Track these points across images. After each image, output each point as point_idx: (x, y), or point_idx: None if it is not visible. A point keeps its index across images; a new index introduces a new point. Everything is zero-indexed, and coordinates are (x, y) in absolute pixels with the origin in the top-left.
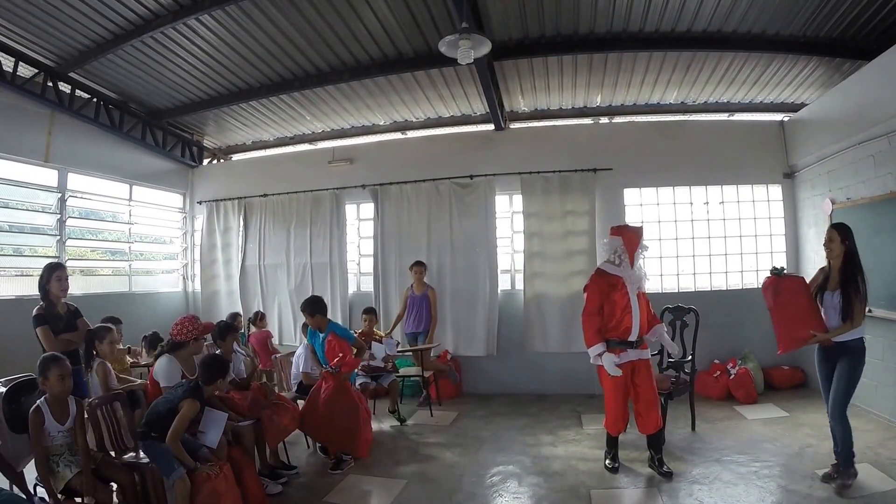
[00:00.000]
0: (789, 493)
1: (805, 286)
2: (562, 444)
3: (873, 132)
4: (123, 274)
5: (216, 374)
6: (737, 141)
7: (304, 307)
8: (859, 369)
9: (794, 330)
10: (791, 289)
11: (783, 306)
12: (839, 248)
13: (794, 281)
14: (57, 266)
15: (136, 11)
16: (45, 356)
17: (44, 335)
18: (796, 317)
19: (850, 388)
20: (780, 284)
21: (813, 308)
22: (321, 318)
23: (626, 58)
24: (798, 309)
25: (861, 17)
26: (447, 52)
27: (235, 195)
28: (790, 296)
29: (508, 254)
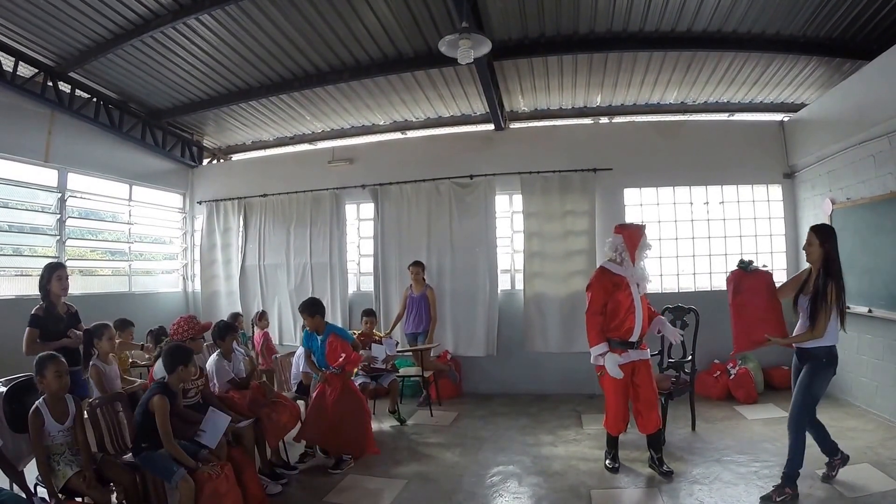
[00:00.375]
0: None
1: (768, 286)
2: (562, 443)
3: (873, 132)
4: (123, 274)
5: (176, 362)
6: (737, 141)
7: (303, 308)
8: (820, 379)
9: (749, 331)
10: (752, 288)
11: (740, 306)
12: (817, 252)
13: (757, 280)
14: (57, 266)
15: (136, 11)
16: (42, 355)
17: (28, 336)
18: (752, 318)
19: (808, 397)
20: (742, 282)
21: (772, 310)
22: (320, 319)
23: (626, 58)
24: (755, 310)
25: (861, 17)
26: (447, 51)
27: (235, 195)
28: (749, 296)
29: (508, 253)
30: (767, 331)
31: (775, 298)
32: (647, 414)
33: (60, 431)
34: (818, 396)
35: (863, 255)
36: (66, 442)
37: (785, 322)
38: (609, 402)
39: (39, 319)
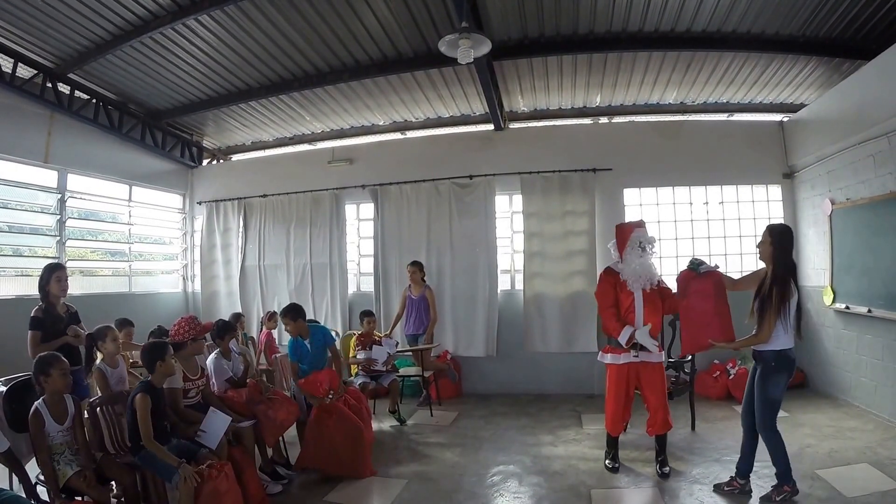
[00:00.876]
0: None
1: (716, 289)
2: (562, 443)
3: (873, 132)
4: (123, 275)
5: (153, 358)
6: (736, 141)
7: (286, 313)
8: (771, 382)
9: (694, 335)
10: (699, 291)
11: (687, 308)
12: (768, 252)
13: (704, 283)
14: (57, 266)
15: (135, 12)
16: (44, 356)
17: (32, 340)
18: (698, 322)
19: (765, 401)
20: (690, 285)
21: (717, 314)
22: (303, 322)
23: (625, 58)
24: (701, 314)
25: (860, 17)
26: (447, 51)
27: (235, 195)
28: (696, 299)
29: (508, 254)
30: (712, 335)
31: (722, 302)
32: (653, 416)
33: (60, 432)
34: (775, 399)
35: (862, 256)
36: (66, 442)
37: (732, 326)
38: (608, 402)
39: (39, 321)
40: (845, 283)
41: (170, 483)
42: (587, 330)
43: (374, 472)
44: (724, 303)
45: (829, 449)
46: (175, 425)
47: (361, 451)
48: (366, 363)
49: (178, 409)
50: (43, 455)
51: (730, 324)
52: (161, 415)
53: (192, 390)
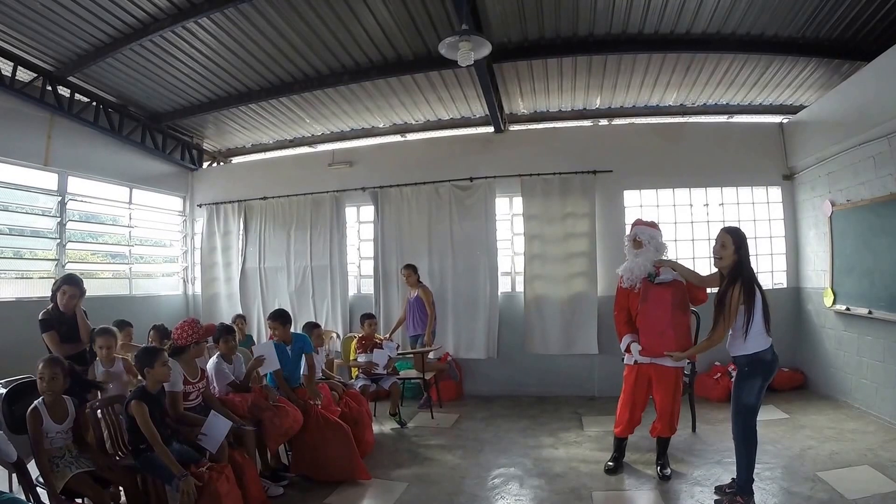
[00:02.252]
0: (791, 494)
1: (673, 299)
2: (563, 446)
3: (873, 133)
4: (124, 277)
5: (143, 365)
6: (736, 143)
7: (277, 317)
8: (745, 387)
9: (651, 342)
10: (656, 299)
11: (645, 314)
12: (731, 258)
13: (663, 292)
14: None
15: (135, 15)
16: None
17: (50, 340)
18: (654, 329)
19: (738, 405)
20: (649, 291)
21: (673, 325)
22: (289, 329)
23: (625, 60)
24: (656, 322)
25: (860, 18)
26: (447, 53)
27: (235, 198)
28: (654, 306)
29: (509, 256)
30: (666, 346)
31: (680, 313)
32: (658, 418)
33: (59, 433)
34: (750, 404)
35: (863, 257)
36: (66, 445)
37: (690, 338)
38: (619, 402)
39: (49, 322)
40: (846, 285)
41: (169, 486)
42: (588, 332)
43: (367, 477)
44: (683, 314)
45: (830, 451)
46: (175, 430)
47: (347, 454)
48: (366, 366)
49: (178, 413)
50: (41, 455)
51: (686, 336)
52: (159, 421)
53: (192, 393)
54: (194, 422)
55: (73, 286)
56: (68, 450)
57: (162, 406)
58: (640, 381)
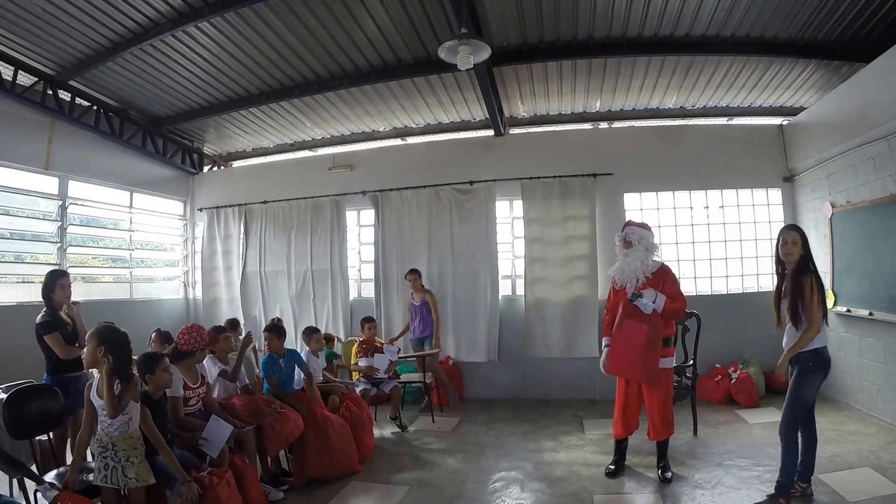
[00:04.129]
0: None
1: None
2: (564, 449)
3: (873, 134)
4: (124, 281)
5: (141, 373)
6: (736, 145)
7: (273, 329)
8: (807, 383)
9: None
10: (632, 329)
11: (618, 338)
12: (799, 252)
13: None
14: (61, 274)
15: (135, 20)
16: None
17: (55, 342)
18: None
19: (793, 402)
20: (625, 321)
21: (642, 358)
22: (283, 342)
23: (625, 62)
24: (627, 352)
25: (859, 19)
26: (447, 57)
27: (236, 202)
28: (629, 334)
29: (509, 259)
30: (634, 375)
31: (650, 349)
32: (651, 421)
33: (112, 425)
34: (808, 400)
35: (863, 258)
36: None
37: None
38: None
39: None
40: (846, 287)
41: (170, 492)
42: (589, 335)
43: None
44: (652, 350)
45: (832, 453)
46: (175, 435)
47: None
48: (367, 370)
49: (178, 418)
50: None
51: (655, 366)
52: (160, 427)
53: (192, 398)
54: (195, 427)
55: (67, 277)
56: (114, 445)
57: (164, 411)
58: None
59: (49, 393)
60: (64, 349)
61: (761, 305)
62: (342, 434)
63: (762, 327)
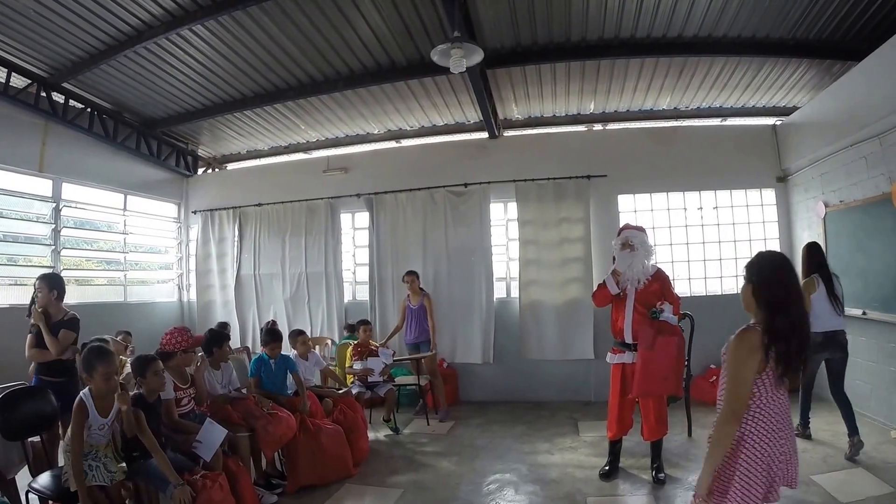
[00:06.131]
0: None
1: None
2: (558, 451)
3: (865, 133)
4: (119, 284)
5: (136, 374)
6: (730, 146)
7: (275, 335)
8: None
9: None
10: (664, 346)
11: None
12: None
13: (670, 340)
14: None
15: (129, 22)
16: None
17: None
18: (657, 374)
19: None
20: (656, 339)
21: (676, 370)
22: (279, 345)
23: (618, 64)
24: (661, 367)
25: (849, 17)
26: (439, 60)
27: (230, 204)
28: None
29: (504, 262)
30: (667, 389)
31: (681, 358)
32: (645, 421)
33: (102, 427)
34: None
35: (856, 258)
36: (106, 443)
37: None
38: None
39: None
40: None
41: (163, 494)
42: (584, 337)
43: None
44: (682, 359)
45: (824, 454)
46: (168, 438)
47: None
48: (362, 373)
49: (172, 420)
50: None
51: (681, 379)
52: (154, 429)
53: (184, 399)
54: (189, 429)
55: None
56: (97, 450)
57: (158, 414)
58: (627, 380)
59: (41, 395)
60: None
61: None
62: (335, 441)
63: None
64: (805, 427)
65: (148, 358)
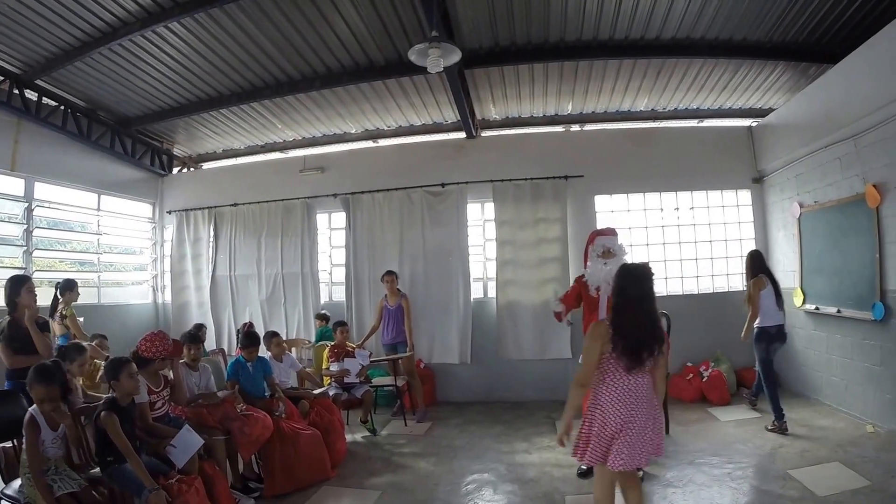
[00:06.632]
0: (762, 493)
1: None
2: (536, 451)
3: (839, 135)
4: (92, 285)
5: (108, 377)
6: (706, 147)
7: (252, 339)
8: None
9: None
10: None
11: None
12: None
13: None
14: (26, 279)
15: (104, 19)
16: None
17: (2, 351)
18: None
19: None
20: None
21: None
22: (257, 349)
23: (596, 65)
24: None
25: (826, 21)
26: (417, 60)
27: (205, 204)
28: None
29: (481, 262)
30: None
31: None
32: None
33: (54, 441)
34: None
35: (831, 257)
36: (59, 456)
37: None
38: None
39: (8, 335)
40: (815, 285)
41: (139, 499)
42: (561, 337)
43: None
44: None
45: (801, 448)
46: (143, 442)
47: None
48: (339, 374)
49: (147, 424)
50: (37, 465)
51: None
52: (129, 433)
53: (158, 402)
54: (164, 433)
55: (30, 280)
56: (56, 464)
57: (132, 418)
58: None
59: (13, 398)
60: (11, 360)
61: (732, 304)
62: (312, 445)
63: (733, 326)
64: (780, 420)
65: (121, 360)
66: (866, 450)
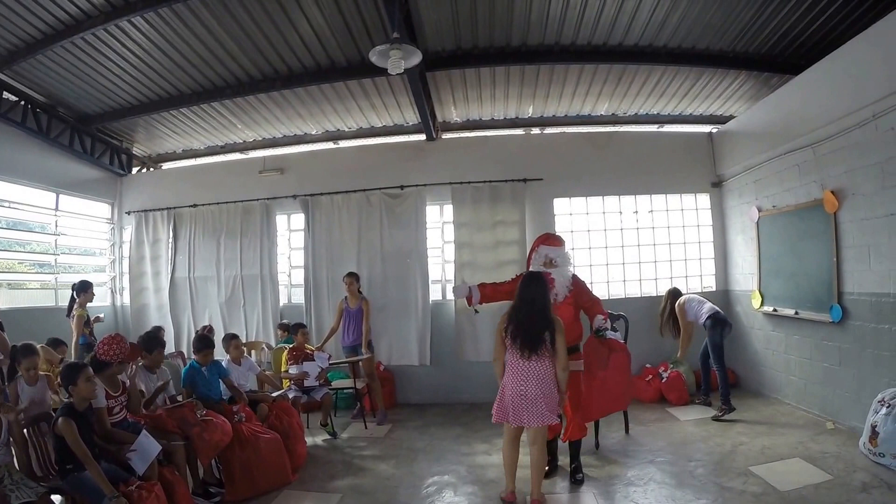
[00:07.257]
0: (724, 489)
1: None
2: (496, 452)
3: (798, 143)
4: (50, 287)
5: (65, 382)
6: (666, 151)
7: (206, 342)
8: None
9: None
10: (618, 365)
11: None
12: None
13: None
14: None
15: (68, 11)
16: None
17: None
18: (613, 392)
19: None
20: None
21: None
22: (211, 352)
23: (557, 70)
24: (615, 385)
25: (789, 34)
26: (378, 61)
27: (165, 205)
28: (615, 372)
29: (439, 264)
30: (625, 405)
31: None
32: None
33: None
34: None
35: (789, 260)
36: (8, 462)
37: None
38: None
39: None
40: (773, 287)
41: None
42: None
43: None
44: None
45: (762, 446)
46: (102, 449)
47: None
48: (298, 377)
49: (105, 429)
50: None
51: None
52: (87, 440)
53: (115, 407)
54: (123, 439)
55: None
56: (8, 471)
57: (90, 424)
58: None
59: None
60: None
61: None
62: (272, 449)
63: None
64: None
65: (78, 364)
66: (827, 446)
